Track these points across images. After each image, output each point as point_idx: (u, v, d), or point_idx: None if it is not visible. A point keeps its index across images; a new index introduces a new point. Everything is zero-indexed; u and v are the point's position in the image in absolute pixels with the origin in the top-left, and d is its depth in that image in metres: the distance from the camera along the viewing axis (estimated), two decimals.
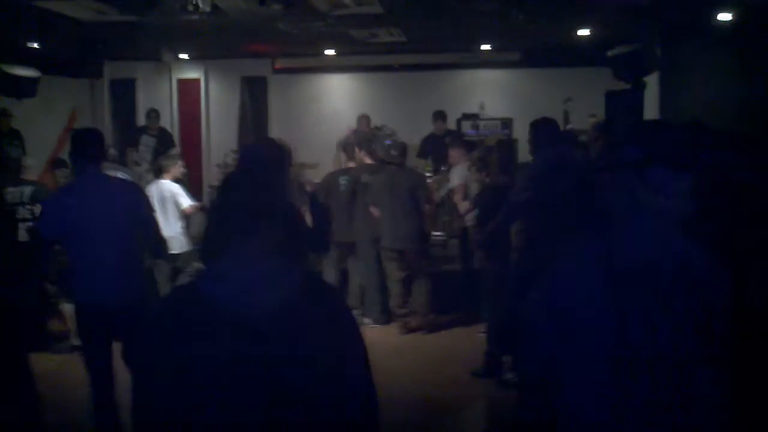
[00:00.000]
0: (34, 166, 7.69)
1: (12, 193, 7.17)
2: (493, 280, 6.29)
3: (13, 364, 4.07)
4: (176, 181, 7.94)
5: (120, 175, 7.11)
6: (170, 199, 7.74)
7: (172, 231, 7.54)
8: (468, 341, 7.24)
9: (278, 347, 1.92)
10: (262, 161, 3.87)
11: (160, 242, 5.02)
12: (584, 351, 2.17)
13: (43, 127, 11.14)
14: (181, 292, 2.18)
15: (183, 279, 7.44)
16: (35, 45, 10.30)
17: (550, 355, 2.25)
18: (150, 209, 5.00)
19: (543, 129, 5.62)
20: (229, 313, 1.92)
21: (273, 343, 1.92)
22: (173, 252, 7.63)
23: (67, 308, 6.77)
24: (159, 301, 2.08)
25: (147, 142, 11.30)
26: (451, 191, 8.20)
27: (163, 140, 11.43)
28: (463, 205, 7.59)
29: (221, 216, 2.07)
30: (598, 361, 2.15)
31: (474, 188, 7.43)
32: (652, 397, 2.11)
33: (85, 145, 4.64)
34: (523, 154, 10.29)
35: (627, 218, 2.20)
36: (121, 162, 8.72)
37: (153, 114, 11.57)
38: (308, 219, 4.53)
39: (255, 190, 2.07)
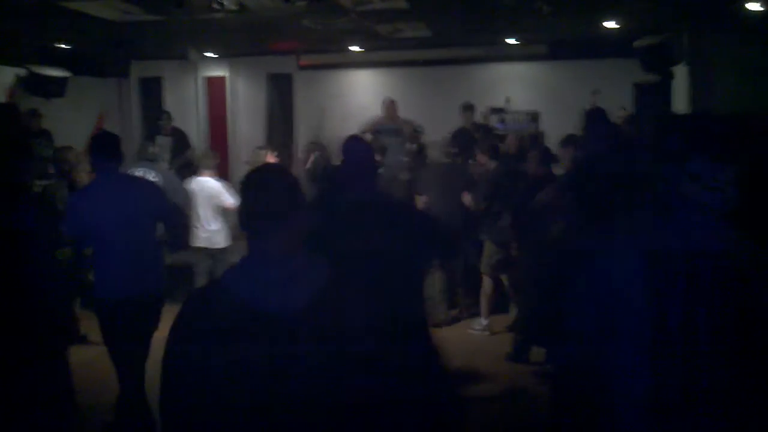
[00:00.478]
0: None
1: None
2: (525, 272, 6.26)
3: (52, 358, 4.14)
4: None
5: (151, 174, 7.23)
6: (213, 195, 7.85)
7: (214, 226, 7.67)
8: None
9: (305, 345, 1.93)
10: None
11: (177, 236, 5.15)
12: (624, 337, 2.20)
13: (73, 126, 11.24)
14: (207, 289, 2.20)
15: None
16: (63, 45, 10.41)
17: (593, 341, 2.28)
18: (166, 206, 5.13)
19: (593, 120, 5.59)
20: (255, 311, 1.94)
21: (299, 341, 1.93)
22: (216, 247, 7.73)
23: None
24: (186, 298, 2.09)
25: (162, 142, 11.23)
26: None
27: (179, 140, 11.49)
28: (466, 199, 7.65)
29: (247, 216, 2.09)
30: (638, 347, 2.17)
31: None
32: (689, 382, 2.14)
33: (101, 148, 4.82)
34: (551, 146, 10.27)
35: (669, 209, 2.19)
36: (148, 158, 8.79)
37: (165, 116, 11.56)
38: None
39: (275, 191, 2.07)
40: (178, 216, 5.14)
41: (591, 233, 2.58)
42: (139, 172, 7.68)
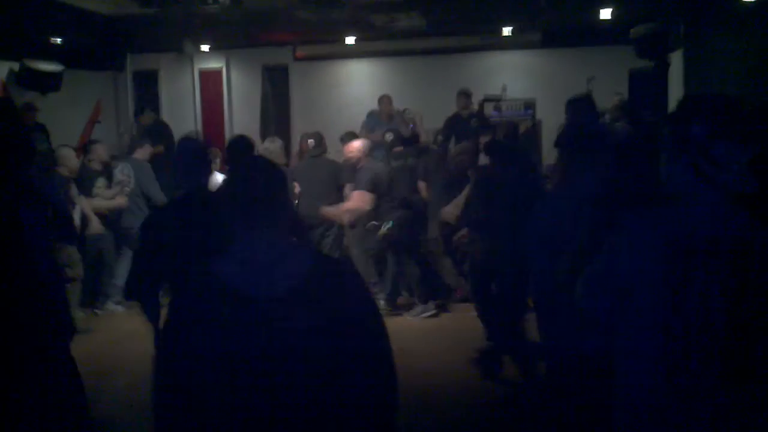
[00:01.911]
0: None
1: None
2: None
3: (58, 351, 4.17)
4: None
5: (126, 168, 7.46)
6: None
7: None
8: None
9: (291, 325, 1.97)
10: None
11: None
12: (640, 322, 2.22)
13: (68, 120, 11.23)
14: (195, 276, 2.24)
15: None
16: (58, 40, 10.39)
17: (607, 328, 2.30)
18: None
19: (576, 109, 5.59)
20: (242, 295, 1.98)
21: (286, 321, 1.97)
22: None
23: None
24: (174, 285, 2.15)
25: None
26: None
27: (159, 134, 11.07)
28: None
29: (231, 203, 2.12)
30: (653, 331, 2.19)
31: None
32: (704, 367, 2.15)
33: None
34: (547, 134, 10.29)
35: (689, 193, 2.20)
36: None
37: (145, 111, 11.25)
38: None
39: (260, 178, 2.11)
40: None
41: (605, 219, 2.58)
42: (117, 168, 7.84)
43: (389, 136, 8.58)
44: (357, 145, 7.86)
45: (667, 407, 2.19)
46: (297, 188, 7.61)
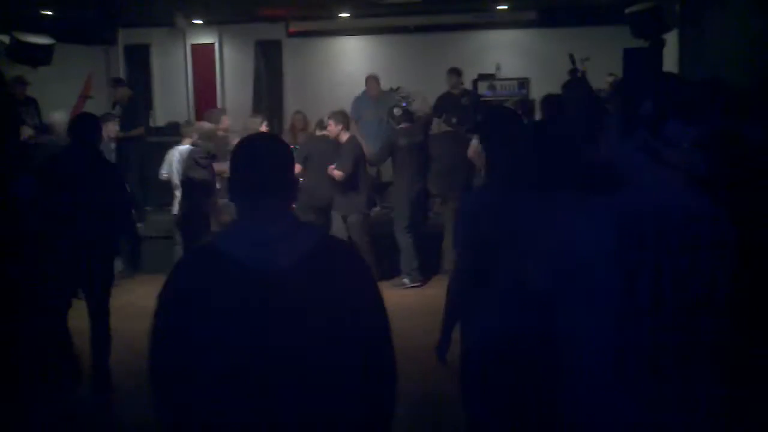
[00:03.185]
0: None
1: None
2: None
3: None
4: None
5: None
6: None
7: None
8: None
9: (294, 299, 1.97)
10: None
11: None
12: (590, 304, 2.18)
13: (59, 94, 11.14)
14: (199, 251, 2.23)
15: None
16: (49, 12, 10.28)
17: (551, 313, 2.25)
18: None
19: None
20: (246, 269, 1.96)
21: (289, 295, 1.97)
22: None
23: None
24: (175, 263, 2.13)
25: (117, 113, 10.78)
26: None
27: (132, 112, 10.73)
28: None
29: (236, 179, 2.11)
30: (604, 313, 2.16)
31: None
32: (655, 346, 2.13)
33: None
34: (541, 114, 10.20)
35: (639, 171, 2.18)
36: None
37: (121, 86, 10.91)
38: None
39: (266, 154, 2.11)
40: None
41: (549, 195, 2.53)
42: None
43: (397, 111, 8.55)
44: (331, 126, 8.11)
45: (614, 389, 2.16)
46: (298, 168, 7.64)
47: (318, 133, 8.73)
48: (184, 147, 8.19)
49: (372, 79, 10.50)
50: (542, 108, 6.85)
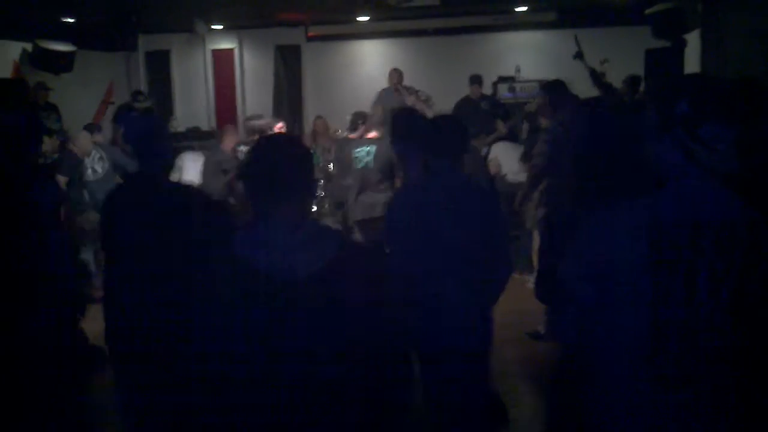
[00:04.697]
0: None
1: None
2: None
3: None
4: None
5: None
6: None
7: None
8: None
9: (314, 308, 1.95)
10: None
11: None
12: (622, 310, 2.15)
13: (80, 100, 11.23)
14: (217, 258, 2.21)
15: None
16: (71, 20, 10.36)
17: (587, 316, 2.23)
18: None
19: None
20: (266, 278, 1.94)
21: (309, 305, 1.94)
22: None
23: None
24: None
25: None
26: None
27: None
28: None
29: (255, 184, 2.07)
30: (637, 319, 2.12)
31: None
32: (688, 354, 2.09)
33: None
34: None
35: (675, 173, 2.15)
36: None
37: (141, 96, 10.87)
38: None
39: (285, 159, 2.06)
40: None
41: (589, 200, 2.51)
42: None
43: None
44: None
45: (647, 395, 2.12)
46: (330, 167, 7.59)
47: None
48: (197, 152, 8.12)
49: (393, 72, 10.44)
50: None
